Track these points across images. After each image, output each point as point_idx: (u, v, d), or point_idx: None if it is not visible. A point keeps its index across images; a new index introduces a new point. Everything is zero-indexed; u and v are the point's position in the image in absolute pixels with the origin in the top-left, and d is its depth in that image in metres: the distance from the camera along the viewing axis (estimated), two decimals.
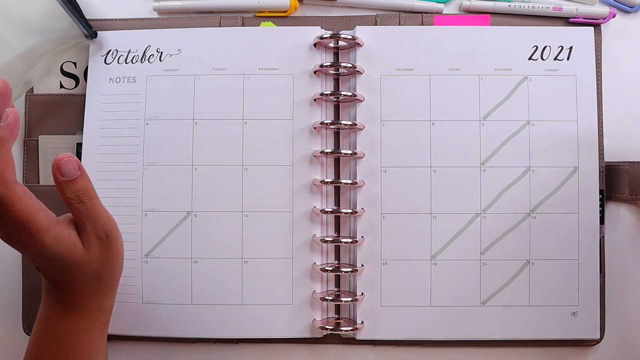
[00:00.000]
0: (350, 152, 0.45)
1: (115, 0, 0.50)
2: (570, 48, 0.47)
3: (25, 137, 0.49)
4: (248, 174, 0.46)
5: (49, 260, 0.35)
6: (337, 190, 0.47)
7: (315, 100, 0.47)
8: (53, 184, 0.36)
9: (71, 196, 0.35)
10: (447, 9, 0.49)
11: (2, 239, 0.35)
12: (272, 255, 0.46)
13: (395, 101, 0.47)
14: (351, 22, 0.49)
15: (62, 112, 0.49)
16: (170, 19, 0.49)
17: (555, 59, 0.47)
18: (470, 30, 0.47)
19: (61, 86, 0.49)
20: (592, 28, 0.48)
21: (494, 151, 0.46)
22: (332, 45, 0.47)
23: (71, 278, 0.36)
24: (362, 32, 0.47)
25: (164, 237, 0.46)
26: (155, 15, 0.50)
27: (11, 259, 0.49)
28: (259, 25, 0.49)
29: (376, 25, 0.48)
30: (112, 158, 0.47)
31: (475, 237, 0.46)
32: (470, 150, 0.46)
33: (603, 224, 0.47)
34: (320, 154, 0.46)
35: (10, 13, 0.45)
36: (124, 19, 0.49)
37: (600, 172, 0.46)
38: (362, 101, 0.46)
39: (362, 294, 0.46)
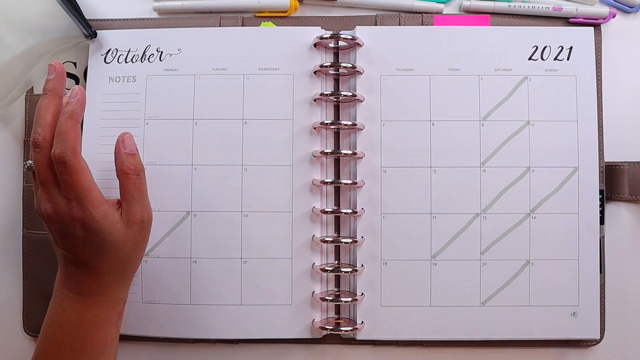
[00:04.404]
0: (350, 152, 0.45)
1: (115, 0, 0.50)
2: (570, 48, 0.47)
3: (25, 137, 0.49)
4: (248, 174, 0.46)
5: (90, 234, 0.36)
6: (337, 190, 0.47)
7: (315, 100, 0.46)
8: None
9: (131, 167, 0.39)
10: (447, 9, 0.49)
11: (46, 214, 0.37)
12: (272, 255, 0.46)
13: (395, 101, 0.47)
14: (351, 22, 0.49)
15: None
16: (170, 19, 0.49)
17: (555, 59, 0.47)
18: (470, 30, 0.47)
19: None
20: (592, 28, 0.48)
21: (494, 151, 0.46)
22: (332, 45, 0.47)
23: (101, 260, 0.37)
24: (362, 32, 0.47)
25: (163, 236, 0.46)
26: (155, 15, 0.50)
27: (12, 259, 0.49)
28: (259, 25, 0.48)
29: (376, 25, 0.48)
30: (111, 157, 0.46)
31: (475, 237, 0.46)
32: (470, 150, 0.46)
33: (603, 224, 0.46)
34: (320, 154, 0.46)
35: (10, 13, 0.45)
36: (123, 19, 0.49)
37: (600, 172, 0.46)
38: (362, 101, 0.46)
39: (362, 294, 0.46)
